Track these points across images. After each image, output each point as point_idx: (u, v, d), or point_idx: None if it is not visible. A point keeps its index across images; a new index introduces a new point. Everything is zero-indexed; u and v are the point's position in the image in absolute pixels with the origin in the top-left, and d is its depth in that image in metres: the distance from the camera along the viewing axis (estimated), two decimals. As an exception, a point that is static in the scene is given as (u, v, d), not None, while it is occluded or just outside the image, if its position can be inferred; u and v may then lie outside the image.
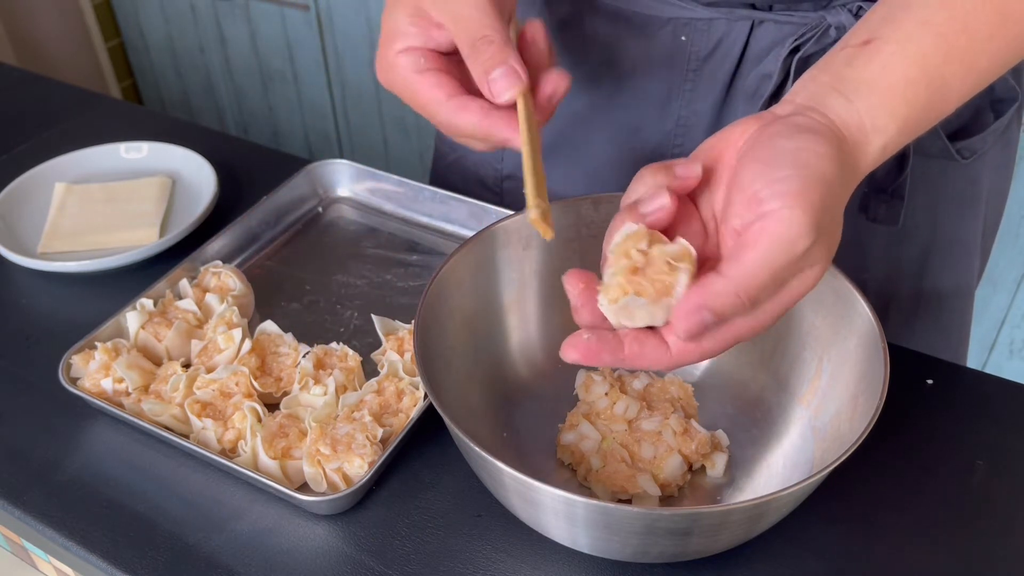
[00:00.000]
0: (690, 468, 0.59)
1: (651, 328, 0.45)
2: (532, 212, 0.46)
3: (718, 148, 0.46)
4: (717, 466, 0.59)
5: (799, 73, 0.64)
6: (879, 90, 0.45)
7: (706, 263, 0.45)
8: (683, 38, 0.68)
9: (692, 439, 0.58)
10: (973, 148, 0.71)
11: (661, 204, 0.44)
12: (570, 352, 0.44)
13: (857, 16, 0.62)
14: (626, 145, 0.74)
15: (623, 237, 0.44)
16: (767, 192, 0.42)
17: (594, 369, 0.64)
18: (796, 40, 0.64)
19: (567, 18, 0.72)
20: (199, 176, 0.86)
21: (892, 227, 0.71)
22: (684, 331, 0.42)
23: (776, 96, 0.66)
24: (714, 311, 0.41)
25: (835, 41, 0.62)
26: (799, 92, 0.47)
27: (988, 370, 1.57)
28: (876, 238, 0.73)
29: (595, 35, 0.71)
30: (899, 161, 0.69)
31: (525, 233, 0.62)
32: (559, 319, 0.66)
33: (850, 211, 0.71)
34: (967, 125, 0.71)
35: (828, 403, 0.56)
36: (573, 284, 0.46)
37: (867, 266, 0.75)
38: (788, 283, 0.43)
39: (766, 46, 0.66)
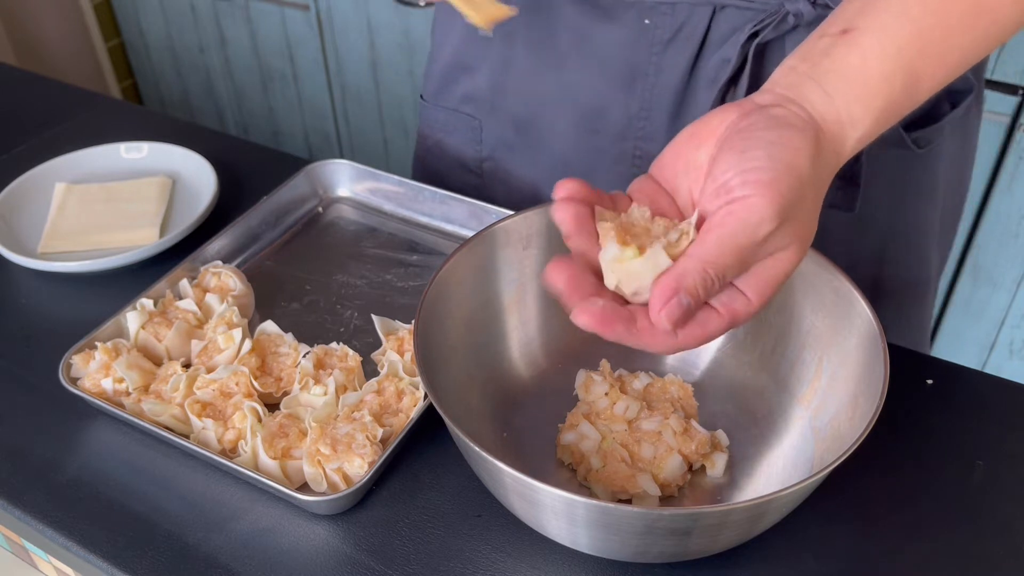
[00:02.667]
0: (690, 468, 0.59)
1: None
2: None
3: (699, 135, 0.47)
4: (717, 466, 0.59)
5: (757, 59, 0.67)
6: (857, 84, 0.46)
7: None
8: (647, 21, 0.69)
9: (692, 439, 0.58)
10: (929, 138, 0.73)
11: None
12: (583, 317, 0.43)
13: (815, 5, 0.64)
14: (590, 127, 0.76)
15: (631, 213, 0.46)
16: (737, 181, 0.43)
17: (594, 369, 0.64)
18: (755, 26, 0.66)
19: (536, 1, 0.74)
20: (199, 176, 0.86)
21: (849, 213, 0.72)
22: (666, 317, 0.43)
23: (734, 80, 0.69)
24: (686, 289, 0.43)
25: (793, 28, 0.65)
26: (779, 81, 0.48)
27: (988, 370, 1.57)
28: (837, 225, 0.74)
29: (562, 18, 0.73)
30: None
31: (525, 233, 0.62)
32: (559, 319, 0.66)
33: None
34: (923, 115, 0.73)
35: (828, 403, 0.56)
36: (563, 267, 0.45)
37: (828, 254, 0.76)
38: (760, 265, 0.45)
39: (727, 32, 0.68)
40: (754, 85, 0.70)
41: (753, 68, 0.68)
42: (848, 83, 0.46)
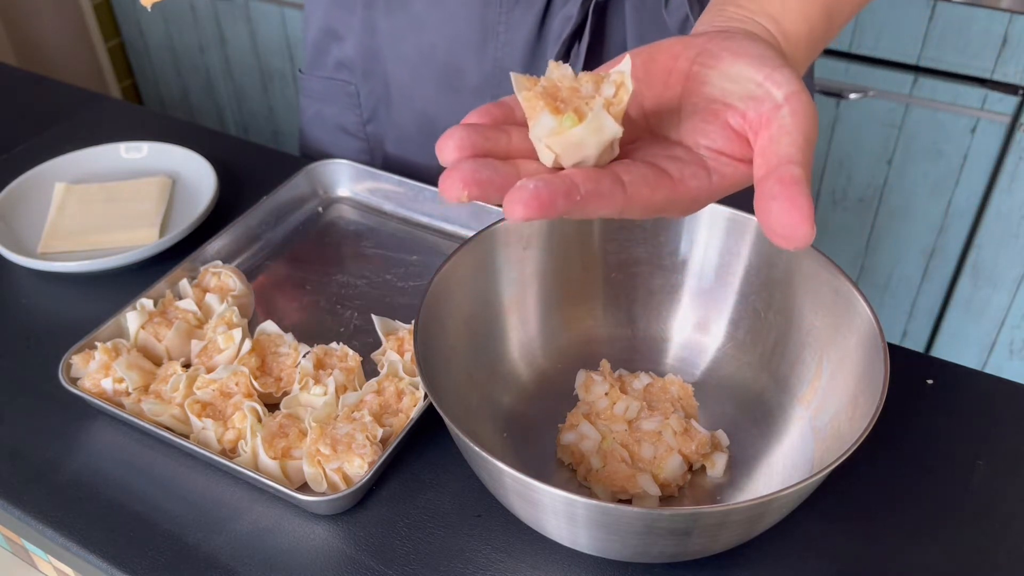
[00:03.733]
0: (690, 468, 0.59)
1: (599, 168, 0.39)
2: None
3: (644, 54, 0.44)
4: (717, 466, 0.59)
5: (598, 17, 0.71)
6: (784, 24, 0.47)
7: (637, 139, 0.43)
8: None
9: (692, 439, 0.58)
10: None
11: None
12: (517, 208, 0.36)
13: None
14: (451, 87, 0.80)
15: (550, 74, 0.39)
16: (779, 77, 0.41)
17: (594, 369, 0.64)
18: None
19: None
20: (199, 176, 0.86)
21: None
22: (808, 213, 0.37)
23: (577, 36, 0.73)
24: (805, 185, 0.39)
25: None
26: (715, 18, 0.47)
27: (988, 370, 1.57)
28: None
29: None
30: None
31: (525, 233, 0.62)
32: (559, 319, 0.66)
33: None
34: None
35: (828, 403, 0.56)
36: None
37: None
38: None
39: None
40: (595, 41, 0.73)
41: (594, 25, 0.72)
42: (776, 23, 0.47)
